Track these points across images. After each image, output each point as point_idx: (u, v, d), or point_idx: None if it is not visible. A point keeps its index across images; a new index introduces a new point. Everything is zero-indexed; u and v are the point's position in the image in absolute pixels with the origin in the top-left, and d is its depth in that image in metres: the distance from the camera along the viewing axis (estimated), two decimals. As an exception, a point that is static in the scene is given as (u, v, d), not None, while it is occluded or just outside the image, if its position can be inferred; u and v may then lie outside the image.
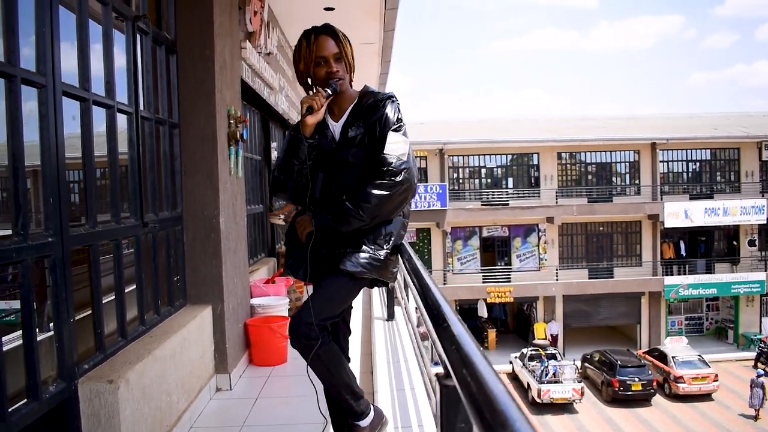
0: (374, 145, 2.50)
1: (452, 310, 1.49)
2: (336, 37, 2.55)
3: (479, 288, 25.50)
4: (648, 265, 26.01)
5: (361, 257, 2.46)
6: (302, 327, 2.41)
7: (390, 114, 2.52)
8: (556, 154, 26.14)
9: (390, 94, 2.62)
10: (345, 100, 2.62)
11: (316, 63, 2.52)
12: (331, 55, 2.52)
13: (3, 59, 2.42)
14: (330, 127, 2.61)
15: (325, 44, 2.51)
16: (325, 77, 2.52)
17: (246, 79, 5.89)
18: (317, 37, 2.52)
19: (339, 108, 2.62)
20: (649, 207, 25.08)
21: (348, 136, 2.55)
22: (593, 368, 22.03)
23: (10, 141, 2.44)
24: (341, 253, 2.48)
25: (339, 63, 2.55)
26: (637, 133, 25.80)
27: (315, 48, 2.51)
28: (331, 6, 7.32)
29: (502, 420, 0.80)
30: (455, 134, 26.24)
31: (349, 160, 2.52)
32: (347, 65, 2.60)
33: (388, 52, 9.93)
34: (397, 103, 2.59)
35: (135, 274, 3.68)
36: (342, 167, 2.54)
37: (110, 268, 3.36)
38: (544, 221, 25.71)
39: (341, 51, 2.55)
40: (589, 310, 26.29)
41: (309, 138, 2.53)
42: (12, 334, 2.53)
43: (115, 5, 3.42)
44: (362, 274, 2.46)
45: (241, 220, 5.22)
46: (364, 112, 2.56)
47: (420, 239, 26.68)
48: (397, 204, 2.49)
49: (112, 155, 3.35)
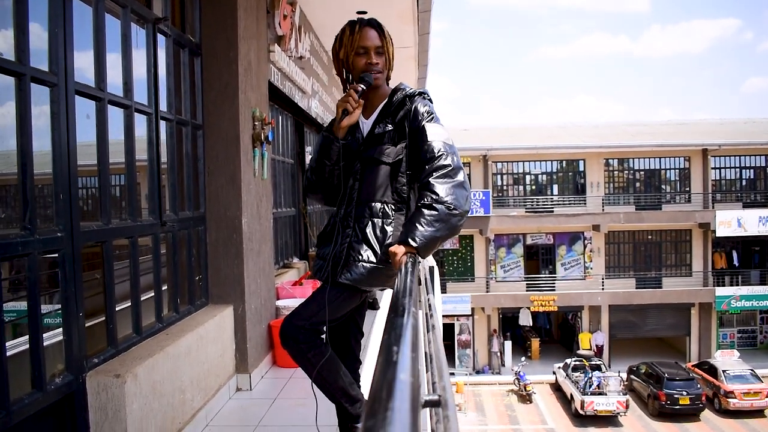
0: (404, 140, 2.45)
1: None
2: (381, 32, 2.52)
3: (523, 296, 25.13)
4: (698, 275, 25.18)
5: (362, 267, 2.39)
6: (290, 329, 2.39)
7: (420, 108, 2.46)
8: (603, 161, 25.62)
9: (421, 90, 2.58)
10: (378, 98, 2.58)
11: (357, 52, 2.49)
12: (373, 47, 2.48)
13: (14, 58, 2.49)
14: (360, 125, 2.57)
15: (369, 35, 2.49)
16: (364, 68, 2.49)
17: (275, 82, 5.95)
18: (362, 28, 2.50)
19: (371, 105, 2.58)
20: (699, 215, 24.30)
21: (375, 133, 2.50)
22: (639, 380, 21.44)
23: (20, 138, 2.50)
24: (352, 261, 2.41)
25: (379, 57, 2.52)
26: (687, 139, 25.04)
27: (359, 37, 2.48)
28: (363, 10, 7.34)
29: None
30: (499, 140, 25.99)
31: (374, 158, 2.46)
32: (387, 62, 2.57)
33: (424, 56, 9.92)
34: (428, 98, 2.55)
35: (153, 272, 3.74)
36: (368, 165, 2.48)
37: (133, 266, 3.42)
38: (589, 229, 25.20)
39: (383, 46, 2.51)
40: (636, 321, 25.61)
41: (342, 139, 2.51)
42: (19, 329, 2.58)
43: (134, 8, 3.50)
44: (359, 284, 2.41)
45: (266, 221, 5.25)
46: (394, 108, 2.53)
47: (463, 246, 26.50)
48: (465, 189, 2.33)
49: (129, 155, 3.42)
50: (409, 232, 2.22)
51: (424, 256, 2.26)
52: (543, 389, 22.81)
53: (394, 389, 0.71)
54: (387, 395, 0.68)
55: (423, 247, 2.20)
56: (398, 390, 0.71)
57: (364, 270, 2.38)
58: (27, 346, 2.52)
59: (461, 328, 25.79)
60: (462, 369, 25.28)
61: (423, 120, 2.42)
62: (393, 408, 0.65)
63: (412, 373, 0.82)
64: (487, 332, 25.64)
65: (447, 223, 2.24)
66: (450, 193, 2.26)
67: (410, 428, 0.62)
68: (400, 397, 0.69)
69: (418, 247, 2.19)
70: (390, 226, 2.41)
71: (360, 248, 2.40)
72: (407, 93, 2.53)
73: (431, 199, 2.24)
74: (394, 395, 0.69)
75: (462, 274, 26.41)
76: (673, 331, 26.03)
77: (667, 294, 24.68)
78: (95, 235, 3.03)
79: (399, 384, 0.73)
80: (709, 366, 21.38)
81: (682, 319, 25.48)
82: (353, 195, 2.48)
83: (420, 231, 2.20)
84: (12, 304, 2.83)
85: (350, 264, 2.41)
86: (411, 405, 0.69)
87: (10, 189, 2.81)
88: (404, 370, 0.79)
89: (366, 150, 2.49)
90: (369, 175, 2.46)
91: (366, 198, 2.45)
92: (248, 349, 4.60)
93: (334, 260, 2.46)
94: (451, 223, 2.26)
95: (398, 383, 0.73)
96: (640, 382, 21.39)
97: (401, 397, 0.69)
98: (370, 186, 2.45)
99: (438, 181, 2.27)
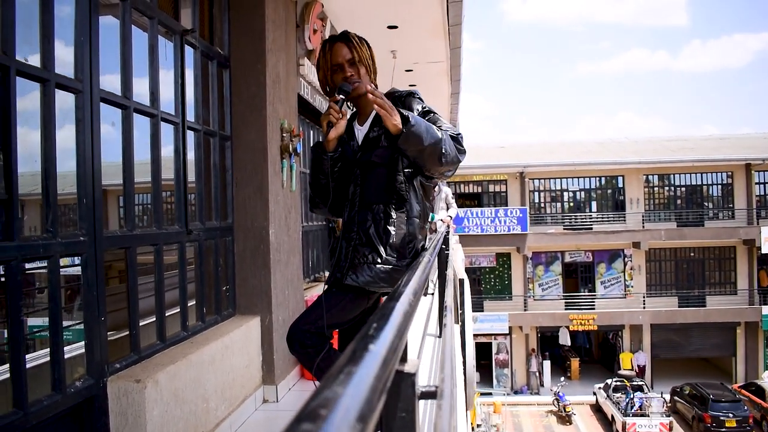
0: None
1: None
2: (350, 43, 2.50)
3: (561, 315, 24.66)
4: (744, 293, 24.36)
5: (368, 269, 2.37)
6: (297, 334, 2.36)
7: (414, 105, 2.47)
8: (643, 177, 25.13)
9: (411, 90, 2.57)
10: (368, 104, 2.56)
11: (332, 71, 2.50)
12: (345, 61, 2.48)
13: (39, 64, 2.54)
14: (356, 132, 2.58)
15: (339, 51, 2.48)
16: (341, 83, 2.50)
17: (305, 95, 5.99)
18: (332, 46, 2.51)
19: (364, 112, 2.58)
20: (744, 231, 23.57)
21: (370, 138, 2.50)
22: (683, 402, 20.76)
23: (44, 143, 2.55)
24: (358, 264, 2.40)
25: (353, 67, 2.50)
26: (730, 154, 24.37)
27: (330, 56, 2.49)
28: (394, 24, 7.37)
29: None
30: (536, 157, 25.75)
31: (372, 161, 2.46)
32: (366, 68, 2.55)
33: (456, 71, 9.90)
34: (419, 97, 2.54)
35: (178, 280, 3.76)
36: (368, 169, 2.48)
37: (164, 273, 3.45)
38: (630, 246, 24.67)
39: (356, 55, 2.49)
40: (679, 341, 24.87)
41: (331, 152, 2.50)
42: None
43: (161, 19, 3.56)
44: (364, 285, 2.38)
45: (294, 233, 5.25)
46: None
47: (500, 264, 26.21)
48: (454, 168, 2.41)
49: (155, 163, 3.46)
50: (416, 118, 2.26)
51: (402, 140, 2.25)
52: (583, 410, 22.27)
53: (361, 358, 0.66)
54: (350, 360, 0.64)
55: (409, 128, 2.22)
56: (365, 358, 0.66)
57: (370, 271, 2.36)
58: (47, 349, 2.54)
59: (499, 347, 25.43)
60: (500, 389, 24.88)
61: (423, 110, 2.44)
62: (353, 372, 0.60)
63: (388, 348, 0.78)
64: (525, 351, 25.21)
65: (429, 145, 2.25)
66: (451, 147, 2.31)
67: (367, 395, 0.57)
68: (364, 365, 0.64)
69: (407, 125, 2.22)
70: (392, 226, 2.41)
71: (364, 251, 2.40)
72: (398, 95, 2.52)
73: (444, 130, 2.30)
74: (359, 362, 0.64)
75: (499, 292, 26.09)
76: (717, 351, 25.19)
77: (711, 313, 23.92)
78: (119, 241, 3.05)
79: (368, 354, 0.68)
80: (756, 387, 20.60)
81: (728, 338, 24.64)
82: (355, 200, 2.47)
83: (420, 123, 2.24)
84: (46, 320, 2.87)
85: (356, 266, 2.39)
86: (377, 375, 0.65)
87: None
88: (377, 344, 0.74)
89: (363, 155, 2.48)
90: (368, 179, 2.46)
91: (367, 201, 2.44)
92: (275, 360, 4.58)
93: (340, 264, 2.45)
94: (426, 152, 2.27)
95: (368, 353, 0.69)
96: (684, 403, 20.72)
97: (366, 365, 0.65)
98: (370, 189, 2.44)
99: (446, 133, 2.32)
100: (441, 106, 12.51)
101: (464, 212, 24.22)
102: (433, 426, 1.07)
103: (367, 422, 0.53)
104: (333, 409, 0.49)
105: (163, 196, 3.56)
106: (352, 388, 0.57)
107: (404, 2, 6.78)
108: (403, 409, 1.14)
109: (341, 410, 0.50)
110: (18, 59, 2.41)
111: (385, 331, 0.84)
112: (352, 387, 0.57)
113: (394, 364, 0.80)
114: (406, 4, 6.85)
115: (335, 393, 0.53)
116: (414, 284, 1.42)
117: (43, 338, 2.81)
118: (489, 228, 24.79)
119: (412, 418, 1.13)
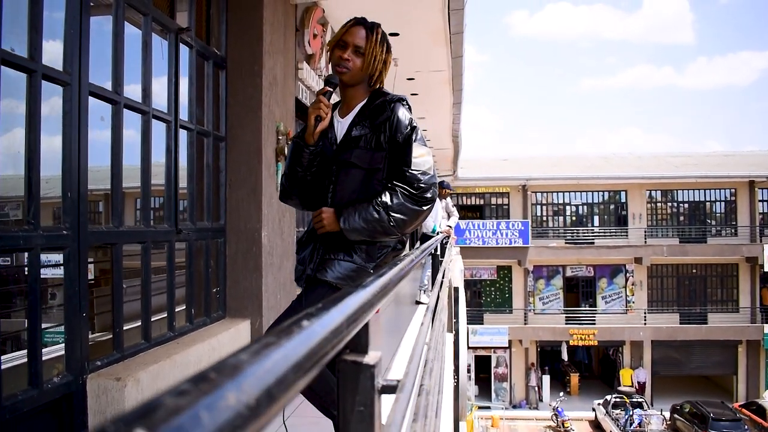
0: (382, 150, 2.38)
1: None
2: (370, 34, 2.42)
3: (562, 329, 24.51)
4: (746, 311, 24.17)
5: (347, 267, 2.32)
6: None
7: (401, 117, 2.37)
8: (646, 192, 25.05)
9: (401, 96, 2.51)
10: (354, 98, 2.51)
11: (337, 44, 2.41)
12: (353, 43, 2.38)
13: (26, 55, 2.52)
14: (335, 125, 2.51)
15: (354, 32, 2.39)
16: (335, 61, 2.40)
17: (303, 99, 5.97)
18: (353, 25, 2.42)
19: (347, 105, 2.52)
20: (746, 249, 23.43)
21: (351, 136, 2.43)
22: (683, 420, 20.56)
23: (28, 134, 2.52)
24: (328, 259, 2.36)
25: (357, 55, 2.45)
26: (733, 171, 24.29)
27: (343, 31, 2.40)
28: (396, 32, 7.36)
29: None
30: (539, 170, 25.71)
31: (350, 161, 2.38)
32: (368, 64, 2.49)
33: (458, 80, 9.88)
34: (407, 105, 2.48)
35: (166, 280, 3.72)
36: (343, 168, 2.40)
37: (152, 273, 3.41)
38: (631, 262, 24.55)
39: (366, 46, 2.40)
40: (680, 358, 24.67)
41: (312, 145, 2.46)
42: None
43: (156, 16, 3.54)
44: (336, 281, 2.33)
45: (288, 237, 5.22)
46: (371, 112, 2.45)
47: (501, 277, 26.11)
48: (420, 222, 2.39)
49: (144, 160, 3.43)
50: (348, 213, 2.29)
51: (347, 235, 2.32)
52: (582, 426, 22.08)
53: (288, 333, 0.62)
54: (278, 333, 0.60)
55: (346, 230, 2.29)
56: (292, 333, 0.62)
57: (341, 267, 2.31)
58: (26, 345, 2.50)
59: (498, 360, 25.28)
60: (498, 403, 24.71)
61: (406, 132, 2.35)
62: (272, 345, 0.56)
63: (330, 330, 0.74)
64: (524, 365, 25.05)
65: (376, 231, 2.29)
66: (401, 212, 2.28)
67: (282, 372, 0.53)
68: (291, 340, 0.60)
69: (342, 228, 2.29)
70: None
71: (334, 248, 2.35)
72: (387, 98, 2.45)
73: (383, 203, 2.28)
74: (284, 336, 0.60)
75: (499, 305, 25.96)
76: (719, 369, 24.98)
77: (713, 330, 23.74)
78: (104, 237, 3.02)
79: (297, 330, 0.64)
80: (757, 407, 20.41)
81: (729, 356, 24.44)
82: (327, 197, 2.42)
83: (353, 219, 2.28)
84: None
85: (326, 262, 2.34)
86: (306, 354, 0.61)
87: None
88: (314, 322, 0.70)
89: (341, 153, 2.42)
90: (344, 179, 2.39)
91: (339, 201, 2.38)
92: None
93: (311, 261, 2.41)
94: (378, 233, 2.30)
95: (298, 329, 0.64)
96: (683, 421, 20.52)
97: (294, 341, 0.60)
98: (345, 189, 2.37)
99: (402, 194, 2.28)
100: (443, 116, 12.51)
101: (466, 224, 24.16)
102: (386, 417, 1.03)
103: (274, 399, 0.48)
104: (230, 377, 0.45)
105: (152, 193, 3.52)
106: (267, 360, 0.52)
107: (406, 9, 6.79)
108: (362, 402, 1.09)
109: (240, 380, 0.45)
110: (4, 48, 2.38)
111: (331, 312, 0.79)
112: (267, 360, 0.53)
113: (334, 347, 0.75)
114: (407, 11, 6.85)
115: (239, 360, 0.49)
116: (384, 279, 1.38)
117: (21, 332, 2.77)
118: (490, 240, 24.70)
119: (371, 413, 1.09)
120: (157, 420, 0.34)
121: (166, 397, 0.38)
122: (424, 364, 1.88)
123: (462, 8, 6.92)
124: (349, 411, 1.11)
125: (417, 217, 2.32)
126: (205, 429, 0.36)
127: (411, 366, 1.20)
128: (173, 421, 0.35)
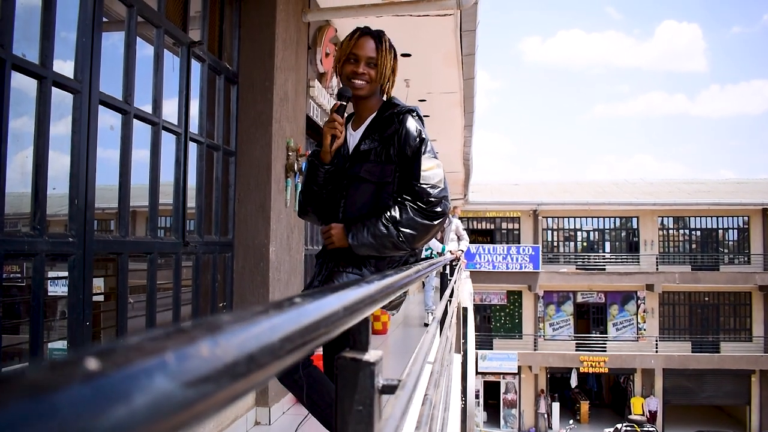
0: (392, 163, 2.36)
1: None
2: (379, 44, 2.41)
3: (572, 356, 24.25)
4: (759, 340, 23.83)
5: (346, 277, 2.30)
6: None
7: (411, 128, 2.35)
8: (658, 219, 24.92)
9: (411, 107, 2.49)
10: (367, 110, 2.49)
11: (347, 59, 2.40)
12: (364, 56, 2.37)
13: (37, 61, 2.53)
14: (348, 138, 2.49)
15: (365, 44, 2.38)
16: (349, 75, 2.39)
17: (314, 117, 5.98)
18: (361, 36, 2.41)
19: (359, 117, 2.51)
20: (760, 277, 23.17)
21: (360, 150, 2.40)
22: (696, 451, 20.22)
23: (37, 140, 2.52)
24: (336, 272, 2.34)
25: (370, 67, 2.43)
26: (746, 198, 24.13)
27: (353, 44, 2.39)
28: (407, 52, 7.40)
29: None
30: (550, 195, 25.66)
31: (360, 175, 2.36)
32: (381, 75, 2.47)
33: (470, 102, 9.88)
34: (417, 116, 2.45)
35: (172, 292, 3.69)
36: (354, 182, 2.39)
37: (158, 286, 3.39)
38: (643, 288, 24.33)
39: (378, 57, 2.39)
40: (693, 387, 24.30)
41: (327, 164, 2.44)
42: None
43: (168, 29, 3.56)
44: None
45: (297, 253, 5.19)
46: (381, 124, 2.43)
47: (511, 302, 25.94)
48: (431, 236, 2.36)
49: (153, 170, 3.43)
50: (356, 228, 2.29)
51: (356, 251, 2.32)
52: (592, 456, 21.74)
53: (278, 307, 0.59)
54: (264, 307, 0.57)
55: (354, 246, 2.29)
56: (282, 309, 0.59)
57: (348, 279, 2.28)
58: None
59: (507, 386, 25.01)
60: (507, 429, 24.40)
61: (414, 144, 2.32)
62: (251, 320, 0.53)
63: (325, 314, 0.70)
64: (534, 392, 24.76)
65: (385, 246, 2.28)
66: (411, 227, 2.27)
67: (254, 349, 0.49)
68: (278, 315, 0.57)
69: (351, 244, 2.29)
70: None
71: (344, 260, 2.35)
72: (397, 110, 2.43)
73: (392, 218, 2.27)
74: (271, 310, 0.57)
75: (509, 330, 25.76)
76: (731, 399, 24.57)
77: (726, 359, 23.42)
78: (110, 246, 3.01)
79: (288, 305, 0.61)
80: (772, 440, 20.04)
81: (742, 386, 24.05)
82: (339, 211, 2.40)
83: (361, 234, 2.28)
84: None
85: (334, 274, 2.33)
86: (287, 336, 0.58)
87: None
88: (309, 302, 0.67)
89: (352, 167, 2.40)
90: (354, 193, 2.38)
91: (350, 215, 2.37)
92: (269, 382, 4.47)
93: (319, 274, 2.41)
94: (387, 249, 2.30)
95: (289, 305, 0.61)
96: (696, 453, 20.18)
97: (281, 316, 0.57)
98: (355, 203, 2.37)
99: (411, 208, 2.27)
100: (454, 138, 12.50)
101: (476, 248, 24.07)
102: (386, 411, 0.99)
103: (256, 364, 0.44)
104: (207, 330, 0.42)
105: (160, 205, 3.52)
106: (253, 326, 0.49)
107: (418, 30, 6.81)
108: (360, 402, 1.06)
109: (218, 336, 0.42)
110: (15, 54, 2.39)
111: (328, 297, 0.76)
112: (254, 325, 0.49)
113: (329, 332, 0.72)
114: (419, 33, 6.88)
115: (220, 320, 0.46)
116: (389, 280, 1.35)
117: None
118: (501, 265, 24.58)
119: (370, 413, 1.05)
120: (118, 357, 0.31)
121: (133, 339, 0.35)
122: (429, 375, 1.84)
123: (474, 29, 6.94)
124: (347, 411, 1.07)
125: (427, 231, 2.30)
126: (171, 374, 0.33)
127: (414, 367, 1.16)
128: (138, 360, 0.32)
